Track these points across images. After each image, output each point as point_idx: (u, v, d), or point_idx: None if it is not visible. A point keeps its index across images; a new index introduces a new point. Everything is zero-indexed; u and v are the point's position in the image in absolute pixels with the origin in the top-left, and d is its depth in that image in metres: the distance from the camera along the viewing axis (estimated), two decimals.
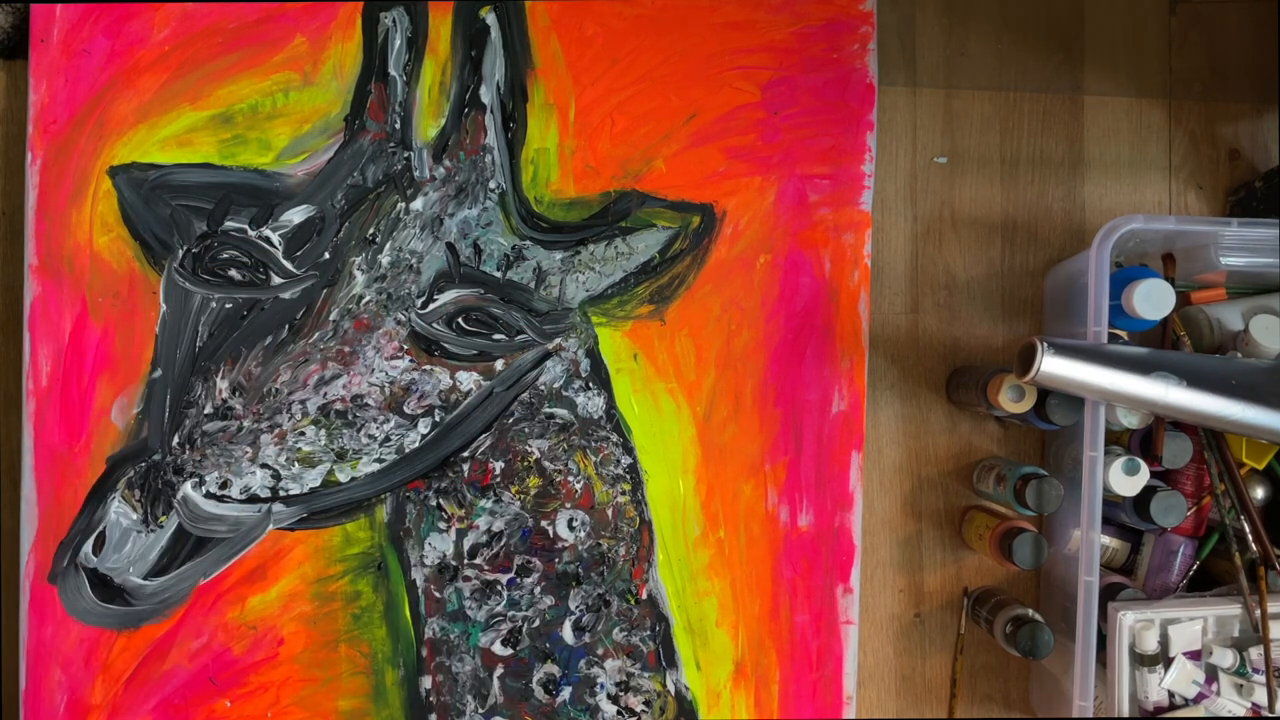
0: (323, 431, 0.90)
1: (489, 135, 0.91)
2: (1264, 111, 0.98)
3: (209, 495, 0.89)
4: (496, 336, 0.91)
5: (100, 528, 0.88)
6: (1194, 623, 0.84)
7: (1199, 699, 0.83)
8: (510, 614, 0.91)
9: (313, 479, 0.90)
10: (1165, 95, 0.99)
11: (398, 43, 0.91)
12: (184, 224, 0.89)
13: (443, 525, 0.91)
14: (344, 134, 0.90)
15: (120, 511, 0.88)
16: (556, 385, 0.91)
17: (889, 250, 0.97)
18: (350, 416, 0.90)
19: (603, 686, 0.91)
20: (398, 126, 0.91)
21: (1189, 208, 0.98)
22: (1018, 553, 0.85)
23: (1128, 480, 0.84)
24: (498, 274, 0.91)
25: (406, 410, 0.90)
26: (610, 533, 0.91)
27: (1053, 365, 0.76)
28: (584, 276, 0.91)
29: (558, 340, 0.91)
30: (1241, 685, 0.83)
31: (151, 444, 0.89)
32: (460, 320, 0.90)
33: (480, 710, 0.90)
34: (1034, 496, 0.85)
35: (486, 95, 0.91)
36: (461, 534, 0.91)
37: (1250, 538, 0.85)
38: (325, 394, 0.90)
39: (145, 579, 0.88)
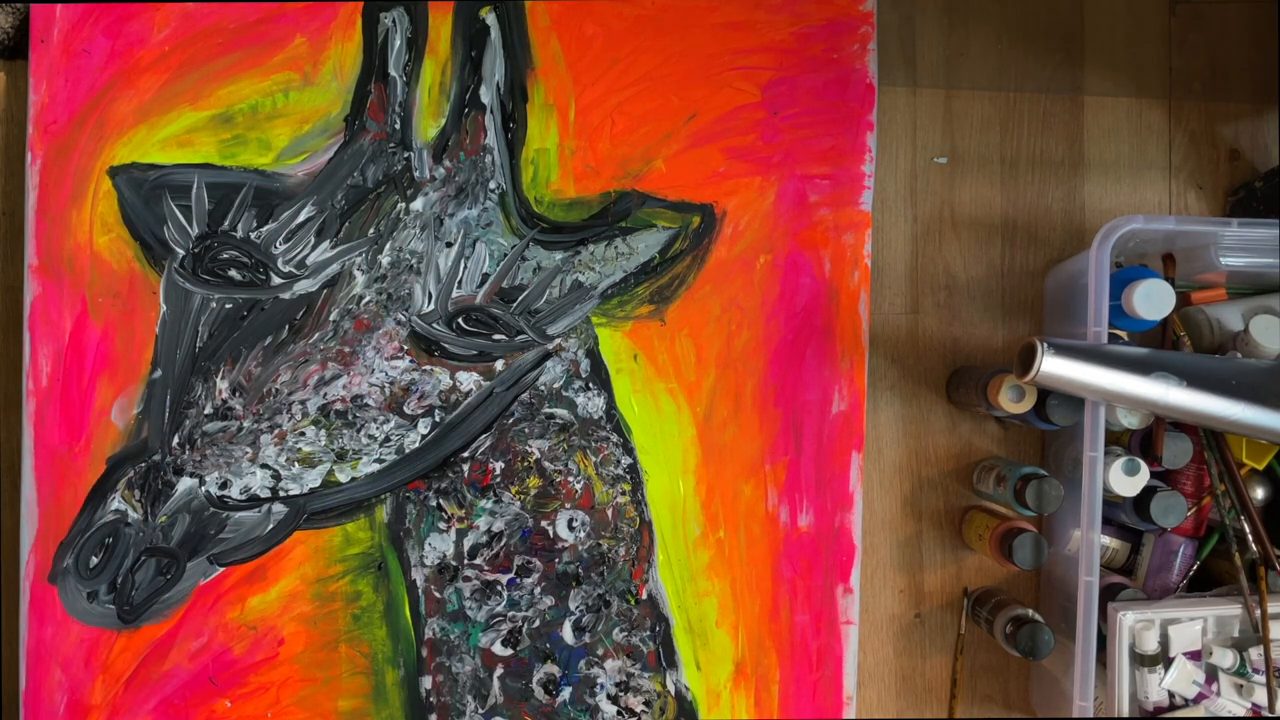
0: (323, 432, 0.90)
1: (489, 135, 0.91)
2: (1264, 111, 0.98)
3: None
4: (496, 337, 0.91)
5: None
6: (1194, 623, 0.84)
7: (1199, 699, 0.83)
8: (510, 614, 0.91)
9: (313, 479, 0.90)
10: (1165, 95, 0.99)
11: (398, 43, 0.91)
12: (198, 218, 0.89)
13: (443, 525, 0.91)
14: (344, 134, 0.90)
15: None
16: (556, 385, 0.91)
17: (889, 250, 0.97)
18: (350, 417, 0.90)
19: (603, 687, 0.91)
20: (398, 127, 0.91)
21: (1189, 208, 0.98)
22: (1018, 553, 0.85)
23: (1128, 480, 0.84)
24: None
25: (406, 410, 0.90)
26: (610, 533, 0.91)
27: (1053, 365, 0.76)
28: (584, 277, 0.91)
29: (558, 340, 0.91)
30: (1241, 685, 0.83)
31: (151, 444, 0.89)
32: (460, 320, 0.90)
33: (480, 710, 0.90)
34: (1034, 497, 0.85)
35: (486, 95, 0.91)
36: (461, 534, 0.91)
37: (1250, 538, 0.85)
38: (325, 394, 0.90)
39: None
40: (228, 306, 0.90)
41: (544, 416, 0.91)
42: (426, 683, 0.91)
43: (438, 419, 0.90)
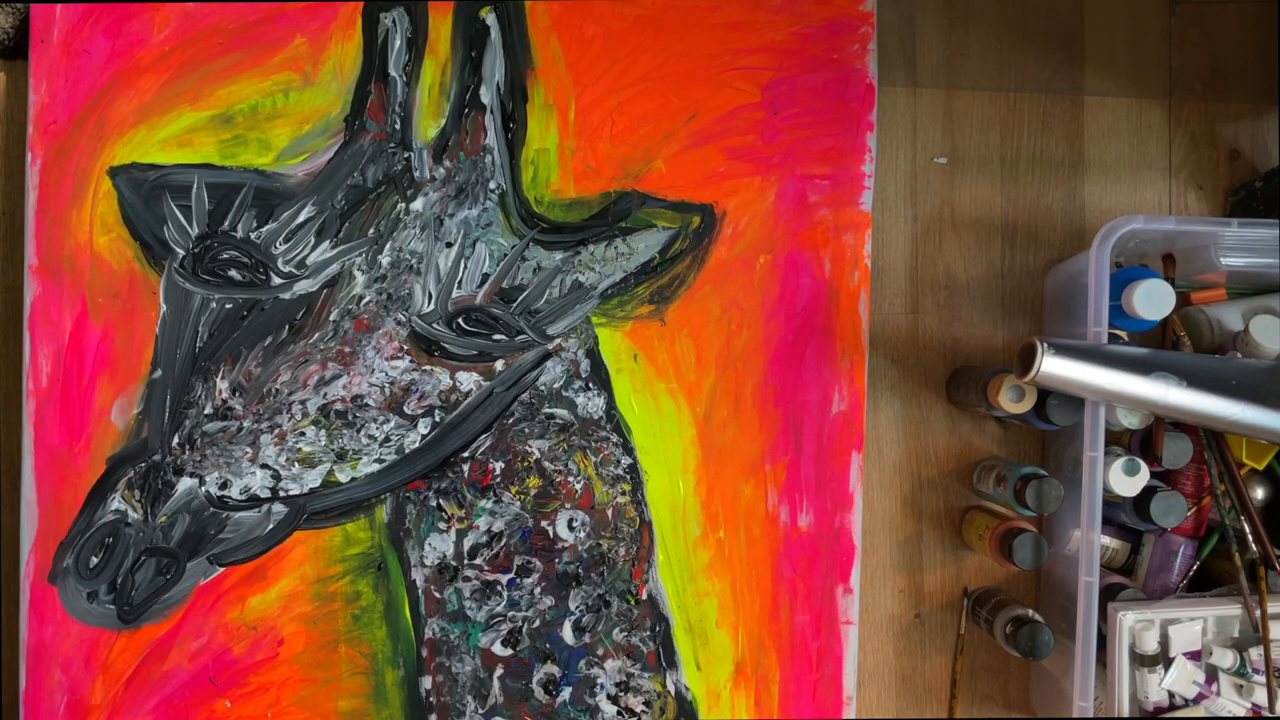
0: (323, 432, 0.90)
1: (489, 135, 0.91)
2: (1264, 111, 0.98)
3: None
4: (496, 337, 0.91)
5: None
6: (1194, 623, 0.84)
7: (1199, 699, 0.83)
8: (510, 614, 0.91)
9: (313, 479, 0.90)
10: (1165, 95, 0.99)
11: (398, 43, 0.91)
12: (198, 218, 0.89)
13: (443, 525, 0.91)
14: (344, 134, 0.90)
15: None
16: (556, 385, 0.91)
17: (889, 250, 0.97)
18: (350, 417, 0.90)
19: (603, 687, 0.91)
20: (398, 127, 0.91)
21: (1189, 208, 0.98)
22: (1018, 553, 0.85)
23: (1128, 480, 0.84)
24: None
25: (406, 410, 0.90)
26: (610, 533, 0.91)
27: (1053, 365, 0.76)
28: (584, 277, 0.91)
29: (558, 340, 0.91)
30: (1241, 685, 0.83)
31: (151, 444, 0.89)
32: (460, 320, 0.90)
33: (480, 710, 0.90)
34: (1034, 497, 0.85)
35: (486, 95, 0.91)
36: (461, 534, 0.91)
37: (1250, 538, 0.85)
38: (325, 394, 0.90)
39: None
40: (228, 306, 0.90)
41: (544, 416, 0.91)
42: (426, 683, 0.91)
43: (438, 419, 0.90)
